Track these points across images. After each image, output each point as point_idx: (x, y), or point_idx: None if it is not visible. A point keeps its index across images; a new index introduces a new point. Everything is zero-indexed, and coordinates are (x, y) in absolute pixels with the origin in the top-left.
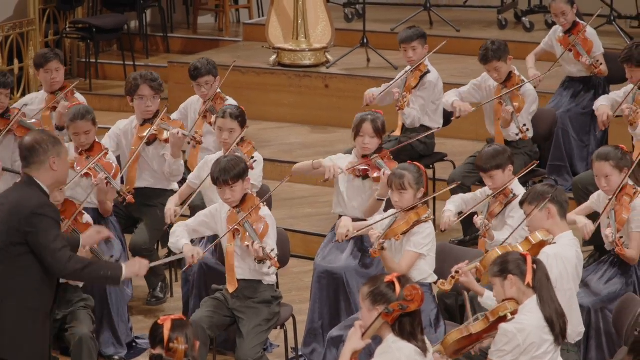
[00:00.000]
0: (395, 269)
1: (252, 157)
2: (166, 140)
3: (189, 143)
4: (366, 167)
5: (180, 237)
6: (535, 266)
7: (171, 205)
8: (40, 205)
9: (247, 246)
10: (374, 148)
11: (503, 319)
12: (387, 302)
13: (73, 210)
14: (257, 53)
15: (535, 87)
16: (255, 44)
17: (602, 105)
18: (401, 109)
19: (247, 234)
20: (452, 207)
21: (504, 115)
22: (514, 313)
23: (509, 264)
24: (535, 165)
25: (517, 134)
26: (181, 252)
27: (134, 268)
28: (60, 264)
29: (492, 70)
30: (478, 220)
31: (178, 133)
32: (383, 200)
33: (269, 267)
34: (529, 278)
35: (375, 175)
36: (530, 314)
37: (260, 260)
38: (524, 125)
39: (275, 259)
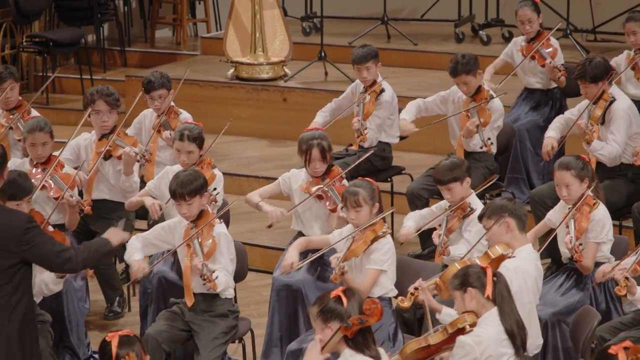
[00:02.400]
0: (359, 288)
1: (215, 189)
2: (119, 157)
3: (138, 161)
4: (321, 194)
5: (134, 252)
6: (495, 279)
7: (150, 201)
8: (27, 219)
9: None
10: (324, 169)
11: (461, 331)
12: (337, 317)
13: (41, 221)
14: (214, 67)
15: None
16: (212, 58)
17: (549, 137)
18: (363, 141)
19: (194, 251)
20: (412, 222)
21: (468, 126)
22: (472, 325)
23: (470, 277)
24: (494, 180)
25: (480, 147)
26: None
27: (117, 237)
28: (71, 262)
29: (461, 84)
30: (436, 236)
31: (131, 151)
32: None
33: (208, 290)
34: (488, 290)
35: (328, 205)
36: (489, 326)
37: (204, 279)
38: (488, 139)
39: (215, 281)
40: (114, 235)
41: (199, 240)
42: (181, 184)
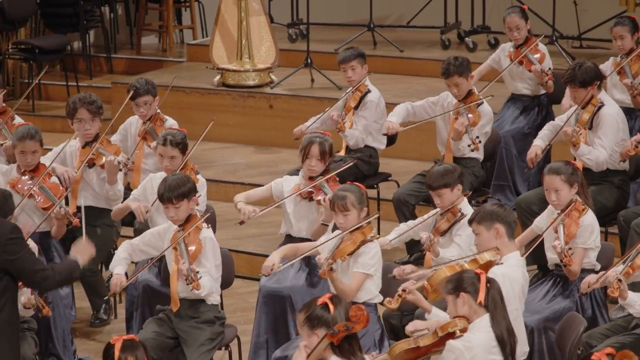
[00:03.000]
0: (345, 290)
1: (197, 192)
2: (102, 166)
3: (121, 169)
4: (311, 190)
5: (117, 264)
6: (489, 285)
7: (135, 204)
8: (11, 229)
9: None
10: (320, 170)
11: (452, 335)
12: (324, 324)
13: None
14: (201, 73)
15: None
16: (199, 65)
17: (535, 145)
18: (341, 130)
19: (180, 254)
20: (393, 235)
21: (457, 127)
22: (463, 330)
23: (463, 282)
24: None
25: (469, 145)
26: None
27: (85, 255)
28: (48, 281)
29: (453, 86)
30: (424, 235)
31: (114, 160)
32: (327, 225)
33: (191, 290)
34: (481, 296)
35: (319, 198)
36: (480, 332)
37: (189, 282)
38: (477, 137)
39: (199, 281)
40: (81, 252)
41: (185, 243)
42: (169, 187)
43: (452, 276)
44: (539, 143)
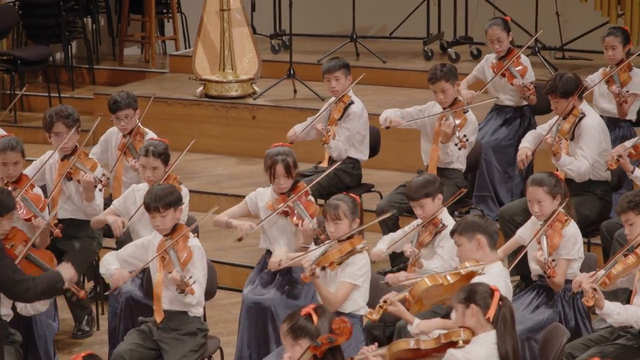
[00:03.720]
0: (330, 298)
1: (182, 202)
2: (79, 181)
3: (95, 186)
4: (287, 210)
5: (110, 264)
6: (501, 303)
7: (112, 218)
8: None
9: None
10: (289, 186)
11: (454, 344)
12: (307, 334)
13: (21, 237)
14: (183, 84)
15: (469, 104)
16: (181, 76)
17: (523, 146)
18: (326, 143)
19: (170, 261)
20: (383, 245)
21: (444, 129)
22: (466, 342)
23: (476, 294)
24: (463, 193)
25: (456, 144)
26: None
27: (69, 274)
28: (30, 292)
29: (439, 92)
30: (408, 248)
31: (88, 178)
32: (308, 247)
33: (185, 295)
34: (490, 313)
35: (295, 220)
36: (482, 347)
37: (181, 290)
38: (464, 135)
39: (192, 286)
40: (65, 271)
41: (175, 250)
42: (156, 197)
43: (465, 286)
44: (526, 145)
